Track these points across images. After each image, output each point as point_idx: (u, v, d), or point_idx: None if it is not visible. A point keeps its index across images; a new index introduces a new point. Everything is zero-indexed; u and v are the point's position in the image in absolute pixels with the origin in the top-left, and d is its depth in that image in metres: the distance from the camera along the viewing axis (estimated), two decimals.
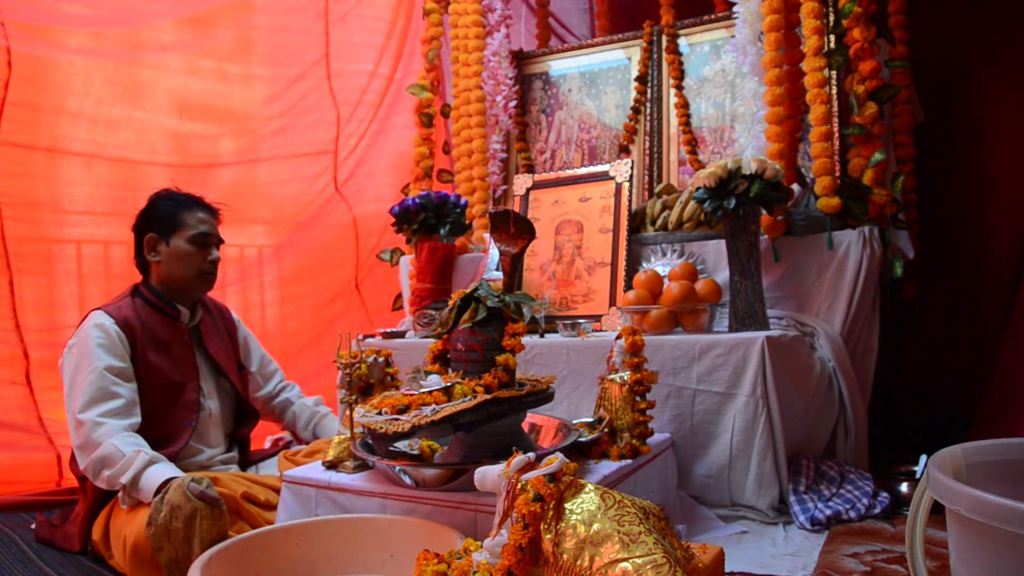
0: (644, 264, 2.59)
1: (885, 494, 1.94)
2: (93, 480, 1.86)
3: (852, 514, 1.86)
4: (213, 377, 2.18)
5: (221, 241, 2.19)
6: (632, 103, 3.09)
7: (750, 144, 2.72)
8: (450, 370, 1.63)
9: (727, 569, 1.41)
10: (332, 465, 1.73)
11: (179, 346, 2.09)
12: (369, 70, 3.68)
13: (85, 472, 1.87)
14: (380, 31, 3.71)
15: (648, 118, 3.06)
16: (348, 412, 1.74)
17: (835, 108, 2.48)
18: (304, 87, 3.50)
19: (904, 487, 1.97)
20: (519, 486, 1.13)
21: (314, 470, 1.75)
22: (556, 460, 1.14)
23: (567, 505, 1.10)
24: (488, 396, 1.50)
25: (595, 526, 1.07)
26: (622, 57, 3.20)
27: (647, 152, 3.02)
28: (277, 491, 1.85)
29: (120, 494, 1.81)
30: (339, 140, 3.60)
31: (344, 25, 3.59)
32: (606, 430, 1.77)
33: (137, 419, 1.92)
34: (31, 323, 2.68)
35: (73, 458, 1.99)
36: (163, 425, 1.98)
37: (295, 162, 3.50)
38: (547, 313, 2.58)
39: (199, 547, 1.58)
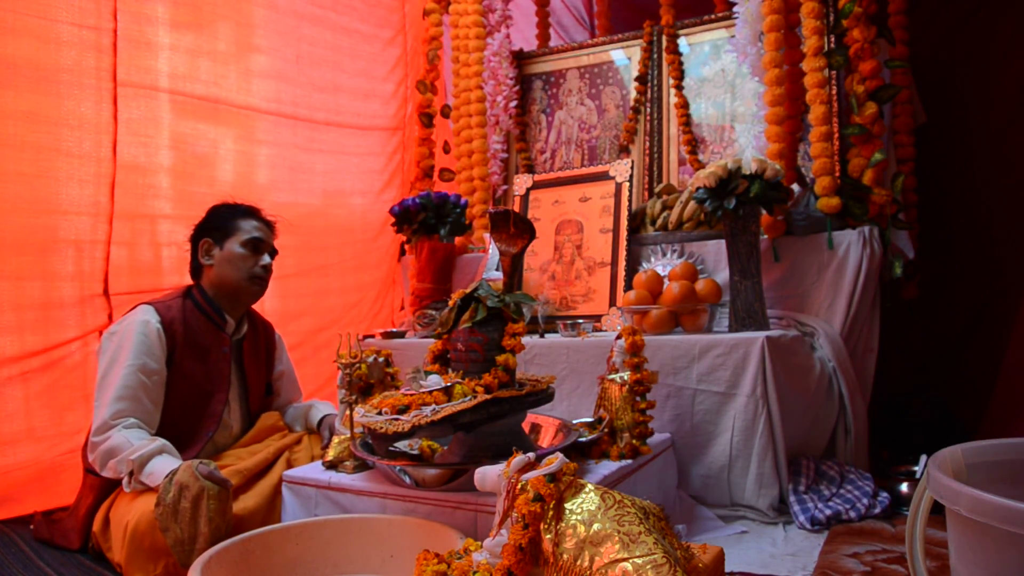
0: (644, 264, 2.59)
1: (885, 494, 1.94)
2: (100, 470, 1.85)
3: (852, 514, 1.86)
4: (242, 393, 2.15)
5: (275, 251, 2.17)
6: (632, 103, 3.09)
7: (750, 144, 2.72)
8: (450, 370, 1.63)
9: (727, 569, 1.41)
10: (332, 465, 1.73)
11: (217, 356, 2.07)
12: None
13: (93, 464, 1.86)
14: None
15: (648, 118, 3.06)
16: (348, 412, 1.74)
17: (835, 108, 2.49)
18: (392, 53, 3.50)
19: (904, 487, 1.97)
20: (519, 486, 1.13)
21: (314, 470, 1.75)
22: (556, 460, 1.14)
23: (567, 505, 1.10)
24: (488, 396, 1.50)
25: (595, 526, 1.06)
26: (622, 57, 3.20)
27: (647, 152, 3.02)
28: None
29: (125, 480, 1.80)
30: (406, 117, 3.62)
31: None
32: (606, 430, 1.77)
33: (152, 433, 1.91)
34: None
35: (87, 444, 1.98)
36: (182, 431, 1.96)
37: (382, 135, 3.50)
38: (546, 313, 2.58)
39: (205, 527, 1.59)
